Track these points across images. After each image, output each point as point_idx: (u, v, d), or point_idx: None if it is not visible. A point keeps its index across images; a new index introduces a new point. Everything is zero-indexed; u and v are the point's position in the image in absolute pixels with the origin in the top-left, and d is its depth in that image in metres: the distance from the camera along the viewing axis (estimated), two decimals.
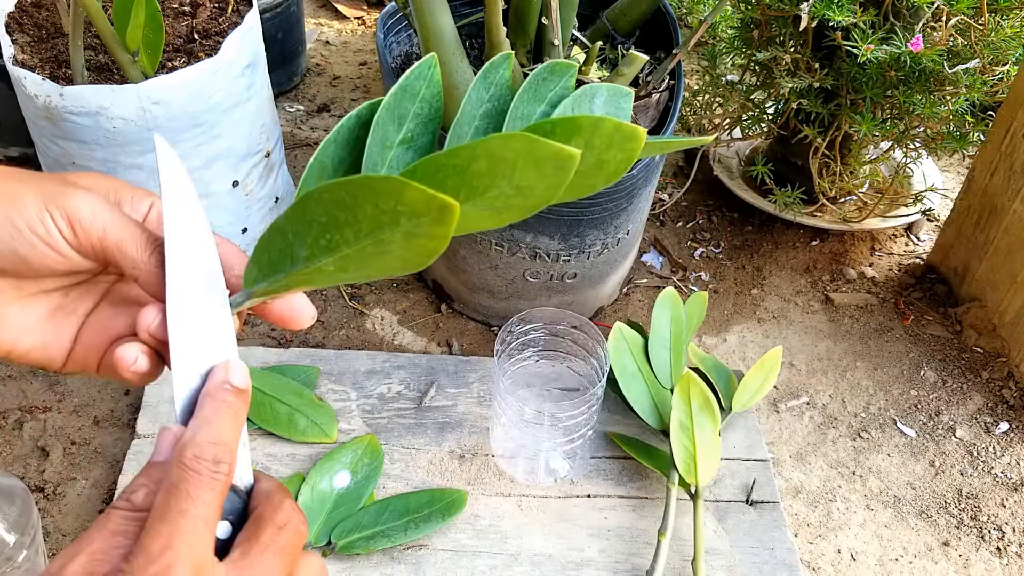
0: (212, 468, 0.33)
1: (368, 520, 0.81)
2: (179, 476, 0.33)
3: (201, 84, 0.92)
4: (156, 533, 0.31)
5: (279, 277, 0.35)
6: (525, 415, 0.83)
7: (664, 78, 0.99)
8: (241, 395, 0.36)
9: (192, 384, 0.36)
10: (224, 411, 0.35)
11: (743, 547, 0.84)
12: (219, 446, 0.34)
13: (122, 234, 0.37)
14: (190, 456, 0.33)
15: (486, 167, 0.31)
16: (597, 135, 0.34)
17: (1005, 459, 0.99)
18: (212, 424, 0.35)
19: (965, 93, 1.00)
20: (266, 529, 0.35)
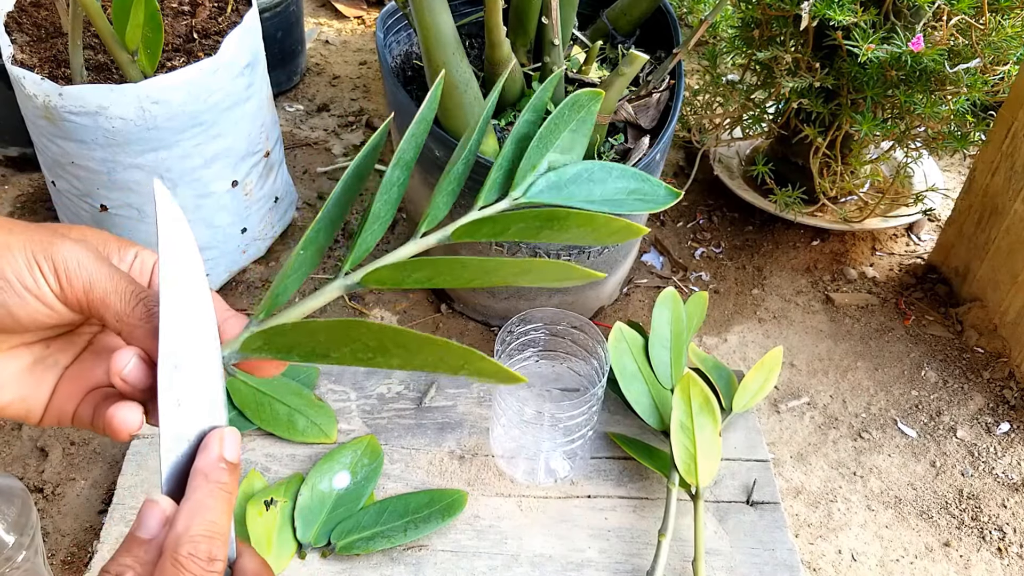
0: (207, 567, 0.33)
1: (367, 521, 0.81)
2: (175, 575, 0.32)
3: (200, 84, 0.92)
4: None
5: (291, 357, 0.36)
6: (525, 415, 0.83)
7: (664, 77, 0.99)
8: (235, 472, 0.35)
9: (181, 449, 0.35)
10: (217, 495, 0.34)
11: (743, 548, 0.84)
12: (214, 539, 0.33)
13: (107, 285, 0.36)
14: (185, 554, 0.32)
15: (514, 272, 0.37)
16: (606, 228, 0.40)
17: (1006, 459, 0.99)
18: (206, 512, 0.33)
19: (966, 93, 1.00)
20: None
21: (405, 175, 0.42)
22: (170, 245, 0.36)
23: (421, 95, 1.00)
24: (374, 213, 0.40)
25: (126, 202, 0.98)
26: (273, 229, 1.16)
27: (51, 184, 1.04)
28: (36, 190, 1.24)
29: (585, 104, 0.46)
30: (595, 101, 0.46)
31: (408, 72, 1.05)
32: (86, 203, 1.00)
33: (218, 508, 0.34)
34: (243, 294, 1.12)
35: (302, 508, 0.81)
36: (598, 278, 0.34)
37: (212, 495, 0.34)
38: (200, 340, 0.36)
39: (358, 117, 1.45)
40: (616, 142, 0.97)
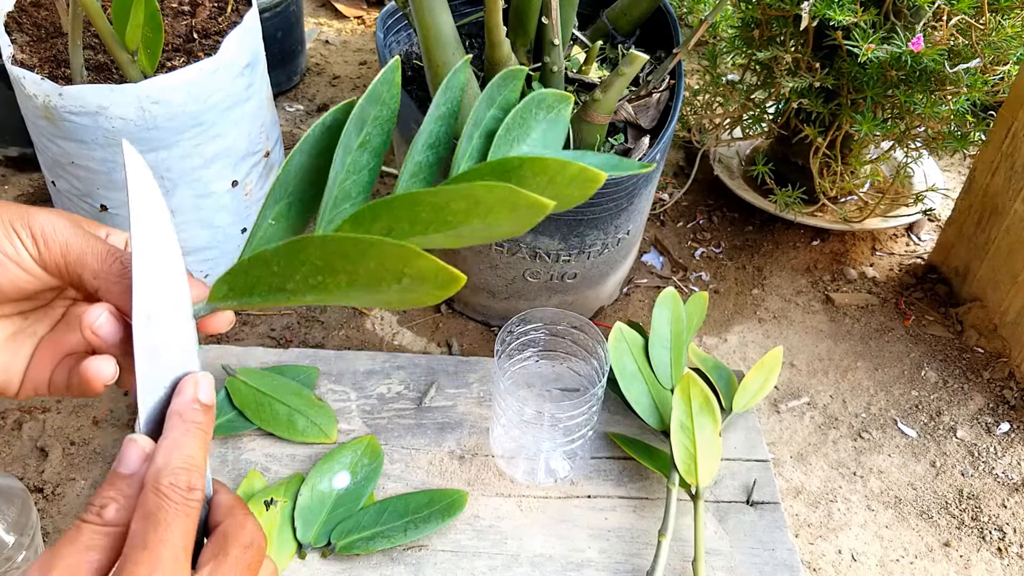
0: (186, 495, 0.34)
1: (367, 521, 0.81)
2: (156, 504, 0.34)
3: (200, 84, 0.92)
4: (137, 562, 0.32)
5: (253, 300, 0.36)
6: (525, 415, 0.83)
7: (664, 77, 0.99)
8: (209, 412, 0.37)
9: (158, 394, 0.37)
10: (194, 432, 0.36)
11: (743, 548, 0.84)
12: (191, 471, 0.35)
13: (84, 246, 0.38)
14: (166, 484, 0.34)
15: (464, 207, 0.33)
16: (561, 175, 0.37)
17: (1006, 459, 0.99)
18: (183, 447, 0.35)
19: (966, 93, 1.00)
20: (233, 548, 0.36)
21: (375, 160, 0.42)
22: (141, 203, 0.38)
23: (421, 95, 1.00)
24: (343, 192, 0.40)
25: (126, 202, 0.98)
26: None
27: (51, 184, 1.04)
28: (36, 190, 1.24)
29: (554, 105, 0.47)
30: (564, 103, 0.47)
31: (408, 72, 1.05)
32: (86, 203, 1.00)
33: (194, 444, 0.36)
34: None
35: (302, 508, 0.81)
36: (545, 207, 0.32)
37: (188, 433, 0.36)
38: (171, 292, 0.38)
39: None
40: (616, 142, 0.97)
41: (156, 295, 0.37)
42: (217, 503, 0.38)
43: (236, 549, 0.36)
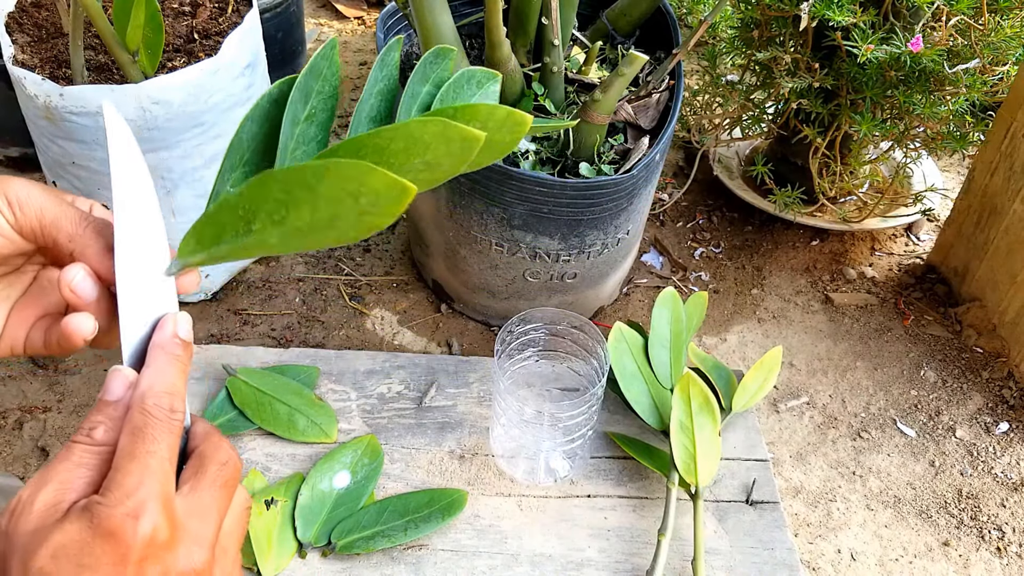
0: (170, 415, 0.37)
1: (368, 520, 0.81)
2: (142, 421, 0.37)
3: (201, 84, 0.92)
4: (128, 471, 0.35)
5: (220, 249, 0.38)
6: (525, 415, 0.83)
7: (664, 78, 0.99)
8: (187, 347, 0.40)
9: (140, 332, 0.40)
10: (174, 363, 0.39)
11: (743, 547, 0.84)
12: (174, 396, 0.38)
13: (58, 210, 0.40)
14: (151, 404, 0.37)
15: (403, 146, 0.35)
16: (492, 119, 0.40)
17: (1005, 459, 0.99)
18: (165, 375, 0.39)
19: (965, 93, 1.00)
20: (211, 466, 0.39)
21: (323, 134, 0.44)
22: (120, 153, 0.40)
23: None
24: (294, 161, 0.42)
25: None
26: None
27: (52, 184, 1.04)
28: None
29: (484, 81, 0.49)
30: (493, 80, 0.49)
31: (408, 72, 1.06)
32: None
33: (175, 373, 0.39)
34: (243, 294, 1.13)
35: (302, 508, 0.81)
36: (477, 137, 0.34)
37: (169, 363, 0.39)
38: (151, 237, 0.41)
39: None
40: (616, 142, 0.98)
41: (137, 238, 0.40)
42: (194, 432, 0.41)
43: (213, 466, 0.39)
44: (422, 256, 1.11)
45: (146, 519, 0.34)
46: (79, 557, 0.33)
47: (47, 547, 0.33)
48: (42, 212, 0.40)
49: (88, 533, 0.33)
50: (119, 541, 0.33)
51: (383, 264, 1.18)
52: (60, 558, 0.33)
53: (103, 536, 0.33)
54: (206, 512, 0.37)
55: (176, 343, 0.40)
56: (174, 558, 0.35)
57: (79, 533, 0.34)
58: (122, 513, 0.34)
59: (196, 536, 0.36)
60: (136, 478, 0.35)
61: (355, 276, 1.15)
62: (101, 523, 0.34)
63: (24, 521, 0.34)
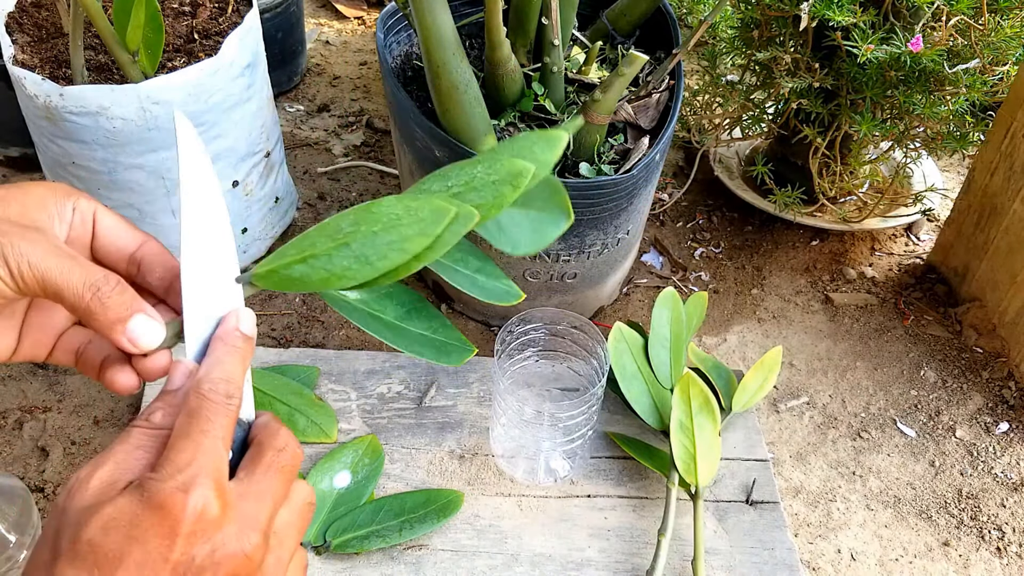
0: (225, 400, 0.38)
1: (363, 519, 0.81)
2: (198, 403, 0.37)
3: (201, 84, 0.92)
4: (181, 448, 0.36)
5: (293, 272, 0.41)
6: (525, 415, 0.83)
7: (664, 78, 0.99)
8: (248, 341, 0.41)
9: (204, 328, 0.41)
10: (234, 354, 0.40)
11: (743, 547, 0.84)
12: (230, 383, 0.38)
13: (59, 280, 0.39)
14: (207, 388, 0.38)
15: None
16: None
17: (1005, 459, 0.99)
18: (224, 364, 0.39)
19: (965, 93, 1.00)
20: (267, 452, 0.39)
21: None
22: (189, 156, 0.41)
23: (421, 95, 1.00)
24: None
25: (127, 202, 0.99)
26: (273, 229, 1.17)
27: None
28: None
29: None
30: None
31: (408, 72, 1.06)
32: None
33: (234, 363, 0.40)
34: None
35: None
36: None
37: (229, 353, 0.40)
38: (218, 241, 0.42)
39: (358, 117, 1.45)
40: (616, 142, 0.98)
41: (203, 241, 0.41)
42: (256, 424, 0.41)
43: (269, 452, 0.39)
44: None
45: (196, 493, 0.34)
46: (128, 529, 0.33)
47: (98, 519, 0.34)
48: (44, 280, 0.39)
49: (139, 506, 0.34)
50: (168, 514, 0.34)
51: None
52: (110, 530, 0.33)
53: (153, 509, 0.34)
54: (261, 496, 0.37)
55: (237, 335, 0.40)
56: (223, 537, 0.35)
57: (130, 506, 0.34)
58: (172, 487, 0.34)
59: (248, 518, 0.36)
60: (188, 455, 0.35)
61: None
62: (152, 497, 0.34)
63: (80, 498, 0.35)
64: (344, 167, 1.34)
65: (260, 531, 0.36)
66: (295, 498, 0.40)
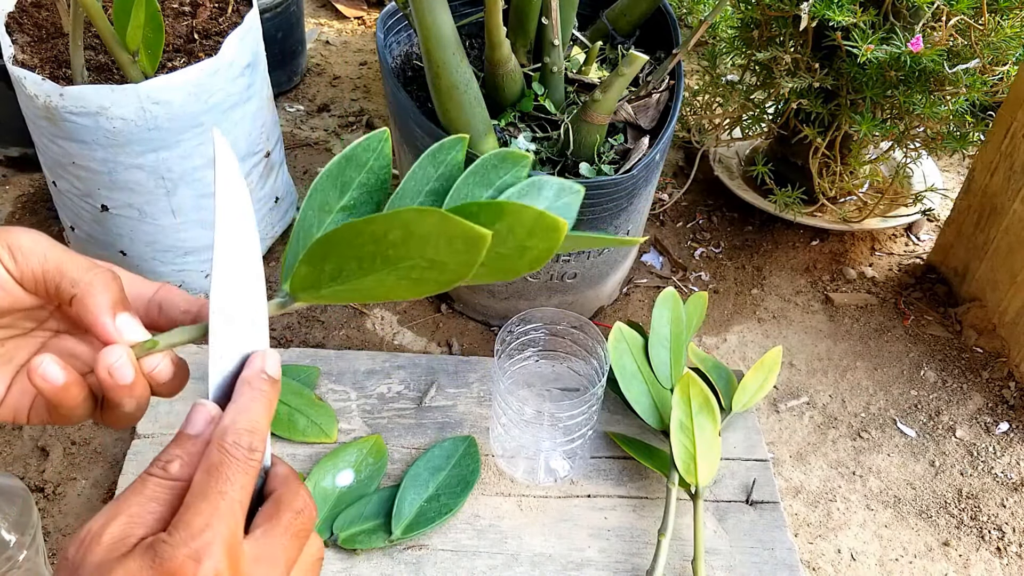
0: (248, 455, 0.36)
1: (370, 512, 0.81)
2: (219, 459, 0.36)
3: (201, 84, 0.92)
4: (198, 511, 0.34)
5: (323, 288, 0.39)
6: (525, 415, 0.83)
7: (664, 78, 0.99)
8: (275, 385, 0.39)
9: (227, 367, 0.39)
10: (260, 400, 0.38)
11: (743, 547, 0.84)
12: (255, 434, 0.37)
13: (62, 256, 0.39)
14: (230, 442, 0.36)
15: (400, 238, 0.33)
16: (519, 223, 0.35)
17: (1005, 459, 0.99)
18: (249, 412, 0.38)
19: (965, 93, 1.00)
20: (286, 513, 0.38)
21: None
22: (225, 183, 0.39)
23: (421, 95, 1.00)
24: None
25: (127, 202, 0.99)
26: (273, 229, 1.17)
27: (52, 184, 1.04)
28: (37, 190, 1.24)
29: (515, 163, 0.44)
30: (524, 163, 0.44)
31: (408, 72, 1.06)
32: (87, 203, 1.00)
33: (259, 411, 0.38)
34: None
35: None
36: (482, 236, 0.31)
37: (255, 399, 0.38)
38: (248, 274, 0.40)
39: (358, 117, 1.45)
40: (616, 142, 0.98)
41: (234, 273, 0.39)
42: (274, 474, 0.40)
43: (288, 513, 0.38)
44: None
45: (208, 563, 0.33)
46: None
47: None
48: (45, 259, 0.39)
49: (149, 572, 0.33)
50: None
51: None
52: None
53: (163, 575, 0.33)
54: (274, 560, 0.36)
55: (263, 379, 0.39)
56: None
57: (140, 571, 0.33)
58: (184, 555, 0.33)
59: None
60: (204, 519, 0.34)
61: None
62: (164, 563, 0.33)
63: (92, 553, 0.34)
64: None
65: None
66: (306, 555, 0.39)
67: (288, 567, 0.37)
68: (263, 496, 0.39)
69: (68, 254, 0.39)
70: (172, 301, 0.43)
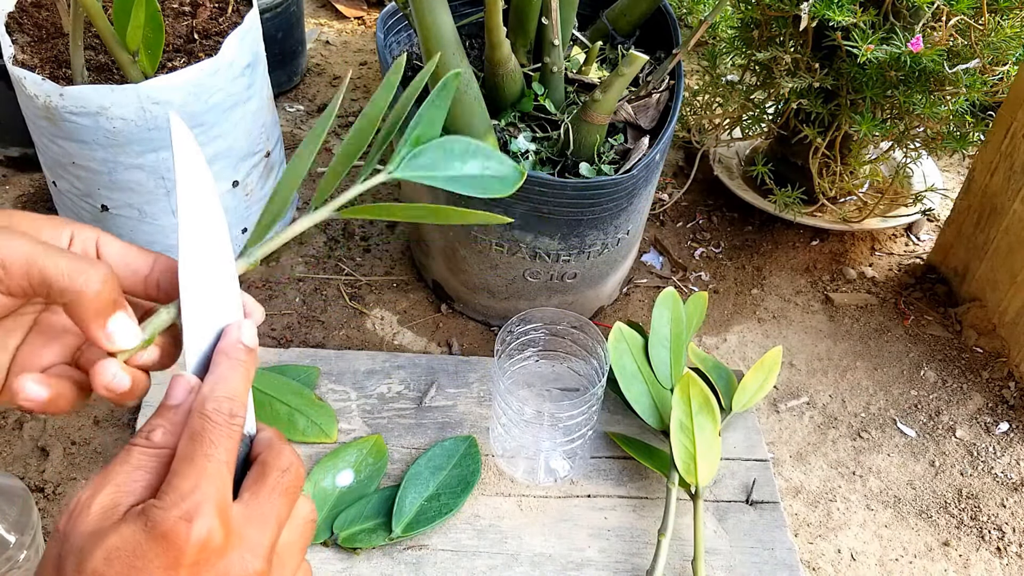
0: (229, 420, 0.37)
1: (370, 511, 0.81)
2: (201, 425, 0.36)
3: (201, 84, 0.92)
4: (184, 475, 0.35)
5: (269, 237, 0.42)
6: (525, 415, 0.83)
7: (664, 78, 0.99)
8: (251, 354, 0.40)
9: (204, 340, 0.40)
10: (238, 368, 0.39)
11: (743, 547, 0.84)
12: (234, 401, 0.38)
13: (45, 262, 0.38)
14: (211, 409, 0.37)
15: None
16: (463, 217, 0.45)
17: (1005, 459, 0.99)
18: (228, 381, 0.38)
19: (965, 93, 1.00)
20: (272, 473, 0.38)
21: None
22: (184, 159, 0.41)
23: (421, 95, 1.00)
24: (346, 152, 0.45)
25: (127, 202, 0.99)
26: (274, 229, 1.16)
27: (52, 184, 1.04)
28: (37, 190, 1.24)
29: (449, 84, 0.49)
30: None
31: (408, 72, 1.06)
32: (87, 203, 1.00)
33: (238, 379, 0.39)
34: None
35: None
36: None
37: (232, 368, 0.39)
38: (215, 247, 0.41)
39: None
40: (616, 142, 0.98)
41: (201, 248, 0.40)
42: (259, 440, 0.41)
43: (274, 473, 0.38)
44: (422, 256, 1.11)
45: (200, 522, 0.34)
46: (131, 560, 0.33)
47: (101, 549, 0.33)
48: (28, 269, 0.37)
49: (142, 535, 0.33)
50: (172, 544, 0.33)
51: (383, 264, 1.18)
52: (113, 560, 0.33)
53: (156, 539, 0.33)
54: (264, 520, 0.37)
55: (240, 349, 0.40)
56: (227, 564, 0.35)
57: (133, 535, 0.33)
58: (176, 516, 0.34)
59: (251, 544, 0.36)
60: (192, 481, 0.35)
61: (355, 276, 1.15)
62: (155, 526, 0.34)
63: (81, 523, 0.34)
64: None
65: (263, 556, 0.36)
66: (297, 517, 0.39)
67: (279, 526, 0.37)
68: (250, 463, 0.40)
69: (50, 256, 0.38)
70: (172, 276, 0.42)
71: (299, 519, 0.39)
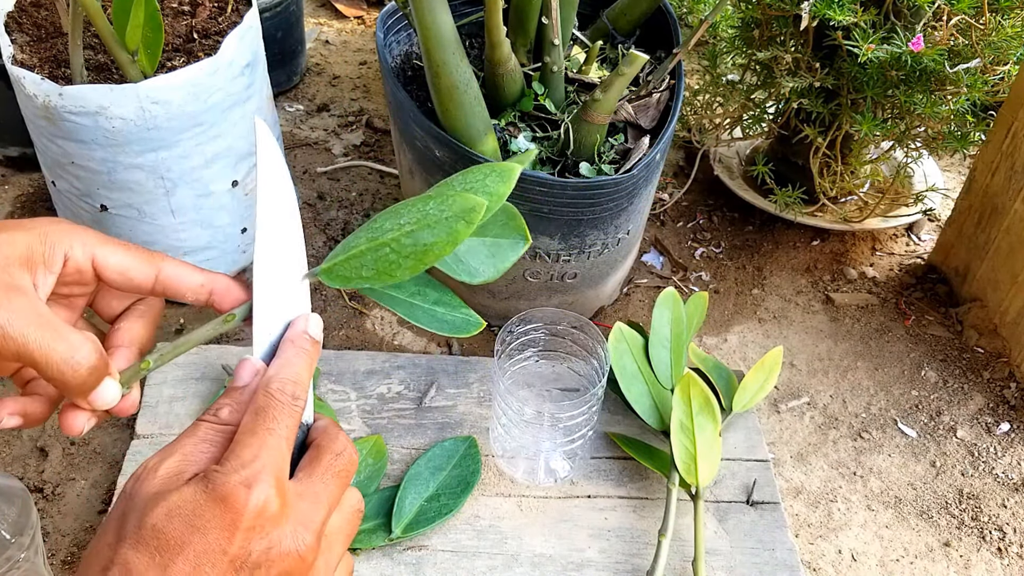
0: (292, 400, 0.40)
1: (370, 512, 0.81)
2: (265, 402, 0.39)
3: (200, 84, 0.92)
4: (246, 444, 0.37)
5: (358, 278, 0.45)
6: (525, 415, 0.83)
7: (665, 78, 0.99)
8: (316, 345, 0.43)
9: (273, 330, 0.43)
10: (303, 356, 0.42)
11: (743, 548, 0.84)
12: (297, 384, 0.40)
13: (36, 355, 0.39)
14: (275, 388, 0.40)
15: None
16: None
17: (1006, 459, 0.99)
18: (293, 365, 0.41)
19: (966, 93, 1.00)
20: (326, 456, 0.40)
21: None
22: (267, 168, 0.44)
23: (421, 95, 1.00)
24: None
25: (126, 202, 0.98)
26: None
27: (51, 184, 1.04)
28: (36, 190, 1.24)
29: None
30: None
31: (408, 72, 1.05)
32: (86, 203, 1.00)
33: (302, 365, 0.42)
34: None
35: None
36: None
37: (298, 355, 0.42)
38: (290, 245, 0.44)
39: (358, 117, 1.45)
40: (616, 142, 0.97)
41: (277, 245, 0.43)
42: (315, 427, 0.43)
43: (328, 455, 0.40)
44: None
45: (259, 489, 0.36)
46: (191, 518, 0.35)
47: (163, 507, 0.35)
48: (20, 350, 0.39)
49: (203, 496, 0.35)
50: (230, 507, 0.35)
51: None
52: (174, 517, 0.35)
53: (216, 501, 0.35)
54: (317, 498, 0.38)
55: (305, 338, 0.43)
56: (280, 534, 0.36)
57: (194, 496, 0.35)
58: (236, 481, 0.36)
59: (304, 518, 0.37)
60: (253, 451, 0.37)
61: None
62: (216, 489, 0.35)
63: (147, 484, 0.36)
64: (344, 167, 1.34)
65: (314, 532, 0.37)
66: (346, 504, 0.41)
67: (330, 507, 0.39)
68: (306, 449, 0.41)
69: (42, 347, 0.39)
70: (178, 282, 0.45)
71: (348, 507, 0.41)
